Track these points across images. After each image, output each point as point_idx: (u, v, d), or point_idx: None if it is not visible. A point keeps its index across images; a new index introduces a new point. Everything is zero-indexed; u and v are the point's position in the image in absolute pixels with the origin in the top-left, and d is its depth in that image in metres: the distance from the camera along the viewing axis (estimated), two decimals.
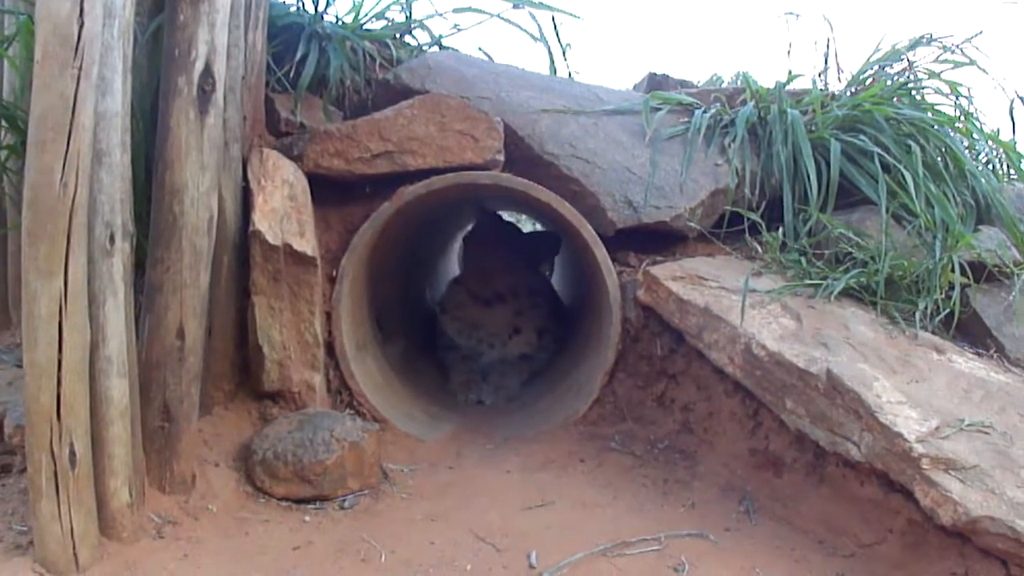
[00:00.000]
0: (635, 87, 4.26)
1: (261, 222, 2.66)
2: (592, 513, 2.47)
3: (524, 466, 2.78)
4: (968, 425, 2.20)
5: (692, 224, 3.03)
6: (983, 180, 3.20)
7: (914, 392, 2.32)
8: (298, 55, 3.18)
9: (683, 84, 4.01)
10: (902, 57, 3.55)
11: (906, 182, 2.99)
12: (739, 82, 3.94)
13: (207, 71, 2.37)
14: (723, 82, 5.11)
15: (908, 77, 3.53)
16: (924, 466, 2.07)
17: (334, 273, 2.96)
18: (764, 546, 2.28)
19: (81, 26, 1.94)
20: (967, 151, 3.36)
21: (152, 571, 2.11)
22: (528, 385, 3.79)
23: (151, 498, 2.32)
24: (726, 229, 3.12)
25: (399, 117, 2.96)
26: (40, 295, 1.93)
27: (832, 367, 2.34)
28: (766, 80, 3.59)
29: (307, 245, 2.71)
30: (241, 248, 2.73)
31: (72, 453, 2.00)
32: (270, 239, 2.66)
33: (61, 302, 1.95)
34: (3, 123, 2.95)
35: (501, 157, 3.03)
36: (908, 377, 2.41)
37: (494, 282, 3.96)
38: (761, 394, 2.53)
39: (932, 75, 3.56)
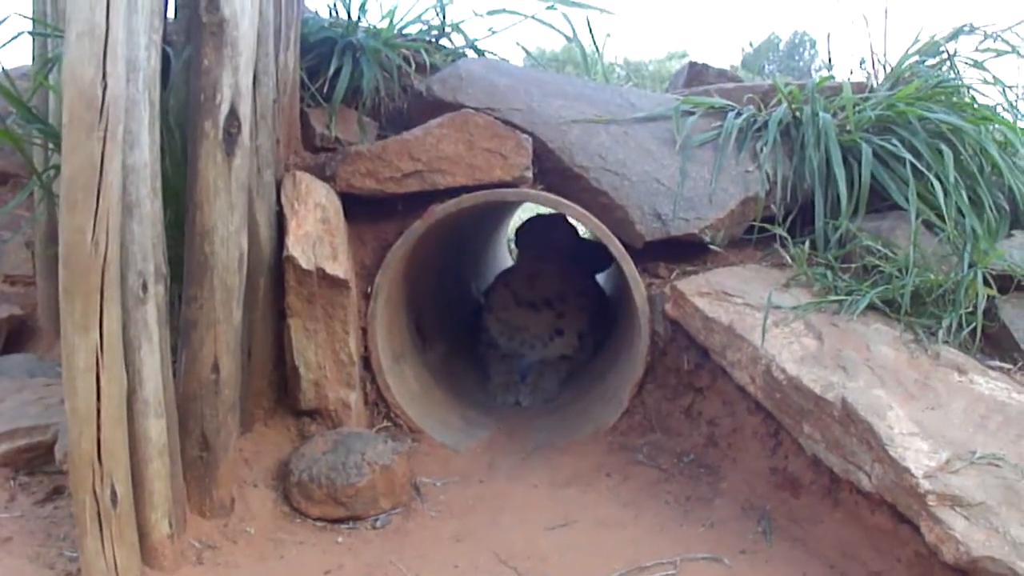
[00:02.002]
0: (675, 75, 4.25)
1: (295, 247, 2.75)
2: (613, 533, 2.54)
3: (552, 480, 2.87)
4: (979, 458, 2.20)
5: (715, 248, 3.06)
6: (1020, 182, 3.14)
7: (928, 421, 2.33)
8: (331, 69, 3.24)
9: (722, 73, 3.99)
10: (941, 49, 3.49)
11: (935, 190, 2.96)
12: (797, 40, 3.91)
13: (232, 114, 2.44)
14: (781, 42, 5.05)
15: (947, 72, 3.47)
16: (930, 503, 2.09)
17: (369, 289, 3.05)
18: (776, 570, 2.33)
19: (105, 88, 2.02)
20: (1006, 149, 3.29)
21: None
22: (565, 385, 3.86)
23: (192, 524, 2.46)
24: (757, 236, 3.14)
25: (428, 136, 3.01)
26: (78, 349, 2.05)
27: (847, 395, 2.37)
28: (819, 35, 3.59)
29: (340, 268, 2.80)
30: (276, 270, 2.82)
31: (113, 493, 2.13)
32: (303, 264, 2.75)
33: (98, 354, 2.07)
34: (50, 145, 3.07)
35: (529, 174, 3.09)
36: (925, 403, 2.42)
37: (543, 287, 4.00)
38: (780, 416, 2.58)
39: (976, 64, 3.50)
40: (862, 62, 3.65)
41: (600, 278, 4.50)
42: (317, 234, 2.81)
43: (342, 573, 2.39)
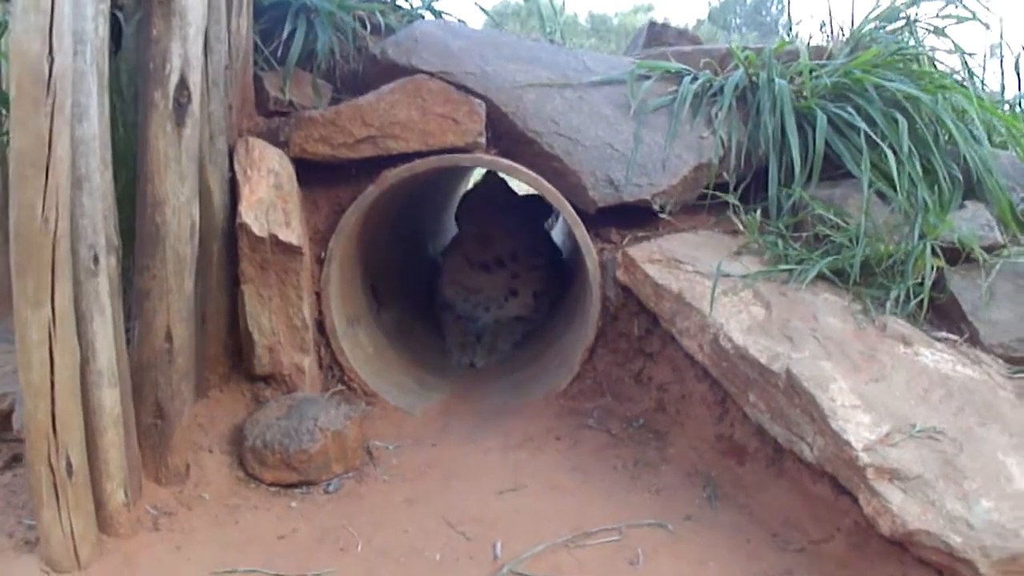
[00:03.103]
0: (635, 36, 4.24)
1: (247, 213, 2.75)
2: (561, 498, 2.60)
3: (504, 444, 2.92)
4: (919, 431, 2.26)
5: (664, 216, 3.09)
6: (974, 152, 3.15)
7: (871, 393, 2.38)
8: (285, 32, 3.21)
9: (682, 34, 3.99)
10: (902, 15, 3.51)
11: (888, 160, 2.99)
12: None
13: (182, 83, 2.42)
14: None
15: (906, 37, 3.49)
16: (869, 475, 2.15)
17: (323, 254, 3.06)
18: (720, 536, 2.40)
19: (52, 63, 2.00)
20: (963, 117, 3.31)
21: (148, 565, 2.28)
22: (521, 345, 3.91)
23: (148, 490, 2.49)
24: (711, 201, 3.16)
25: (381, 102, 3.01)
26: (30, 323, 2.06)
27: (792, 366, 2.42)
28: None
29: (292, 234, 2.80)
30: (230, 236, 2.82)
31: (69, 464, 2.16)
32: (256, 230, 2.75)
33: (50, 328, 2.08)
34: (4, 112, 3.03)
35: (483, 139, 3.09)
36: (869, 375, 2.47)
37: (492, 247, 4.00)
38: (727, 385, 2.63)
39: (937, 31, 3.52)
40: (822, 25, 3.66)
41: (556, 236, 4.52)
42: (270, 200, 2.81)
43: (296, 538, 2.43)
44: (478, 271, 3.98)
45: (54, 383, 2.11)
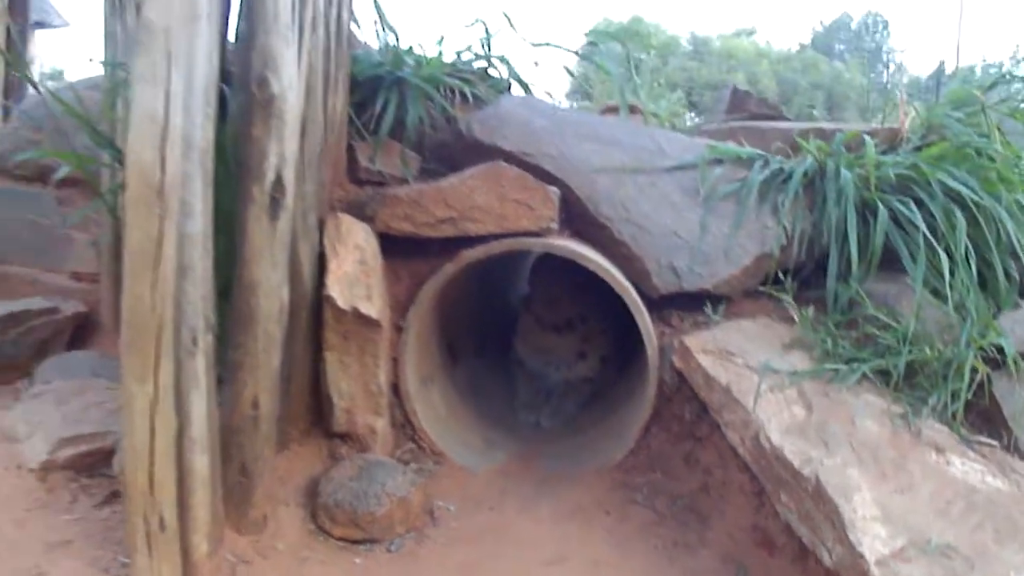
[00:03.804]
0: (718, 99, 4.38)
1: (333, 287, 3.01)
2: (602, 574, 2.80)
3: (556, 513, 3.12)
4: (933, 547, 2.40)
5: (714, 316, 3.24)
6: None
7: (894, 505, 2.51)
8: (378, 106, 3.45)
9: (763, 102, 4.12)
10: (976, 99, 3.58)
11: (941, 261, 3.08)
12: (869, 20, 3.99)
13: (278, 181, 2.68)
14: (852, 22, 5.12)
15: (980, 121, 3.56)
16: None
17: (402, 322, 3.30)
18: None
19: (163, 171, 2.29)
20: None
21: None
22: (586, 406, 4.09)
23: (228, 539, 2.76)
24: (772, 288, 3.32)
25: (462, 186, 3.23)
26: (135, 396, 2.36)
27: (822, 473, 2.56)
28: None
29: (373, 308, 3.04)
30: (317, 306, 3.08)
31: (162, 520, 2.45)
32: (340, 303, 3.00)
33: (152, 401, 2.38)
34: (117, 164, 3.31)
35: (555, 224, 3.29)
36: (895, 485, 2.60)
37: (562, 310, 4.12)
38: (763, 481, 2.79)
39: (1012, 114, 3.59)
40: (894, 105, 3.75)
41: None
42: (354, 275, 3.06)
43: None
44: (549, 332, 4.13)
45: (153, 449, 2.40)
